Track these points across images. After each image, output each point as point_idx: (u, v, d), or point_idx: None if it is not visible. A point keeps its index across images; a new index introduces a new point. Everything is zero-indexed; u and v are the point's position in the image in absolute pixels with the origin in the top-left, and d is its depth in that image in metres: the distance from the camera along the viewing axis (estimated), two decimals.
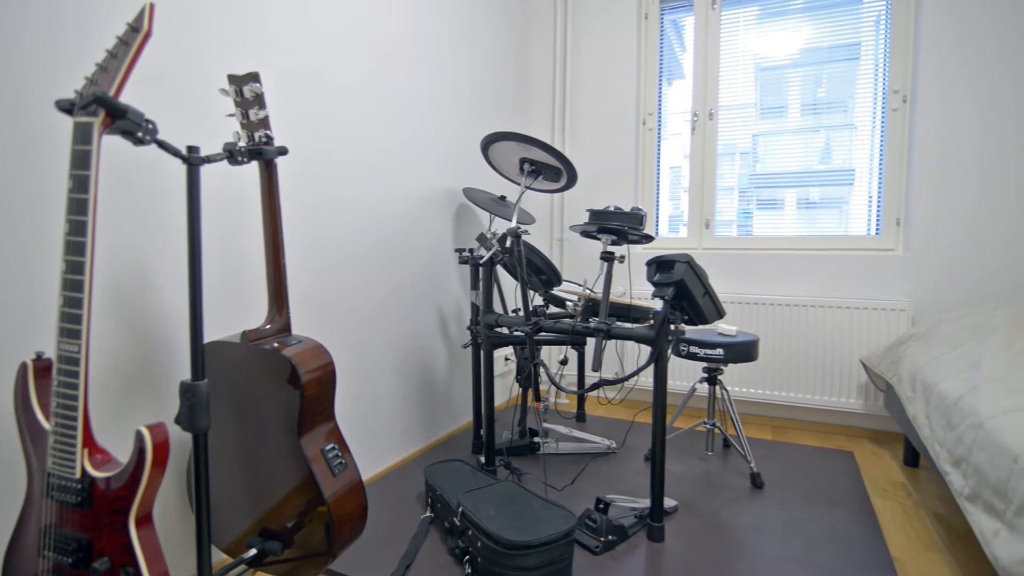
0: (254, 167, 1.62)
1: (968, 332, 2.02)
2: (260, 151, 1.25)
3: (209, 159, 1.14)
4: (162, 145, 1.03)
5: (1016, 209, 2.44)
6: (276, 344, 1.29)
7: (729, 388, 2.87)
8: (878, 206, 2.74)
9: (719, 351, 2.15)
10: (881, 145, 2.72)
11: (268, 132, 1.25)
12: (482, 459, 2.15)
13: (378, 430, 2.17)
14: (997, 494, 1.27)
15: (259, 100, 1.25)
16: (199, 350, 1.11)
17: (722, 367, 2.31)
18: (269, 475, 1.31)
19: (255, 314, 1.65)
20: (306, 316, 1.83)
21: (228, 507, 1.39)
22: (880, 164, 2.73)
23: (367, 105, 2.05)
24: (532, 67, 3.37)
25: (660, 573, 1.56)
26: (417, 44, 2.31)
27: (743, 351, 2.17)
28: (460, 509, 1.61)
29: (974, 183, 2.50)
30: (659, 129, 3.19)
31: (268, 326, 1.33)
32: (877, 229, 2.75)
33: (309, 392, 1.26)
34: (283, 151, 1.28)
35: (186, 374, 1.46)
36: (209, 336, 1.51)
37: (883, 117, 2.71)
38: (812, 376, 2.72)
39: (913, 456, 2.36)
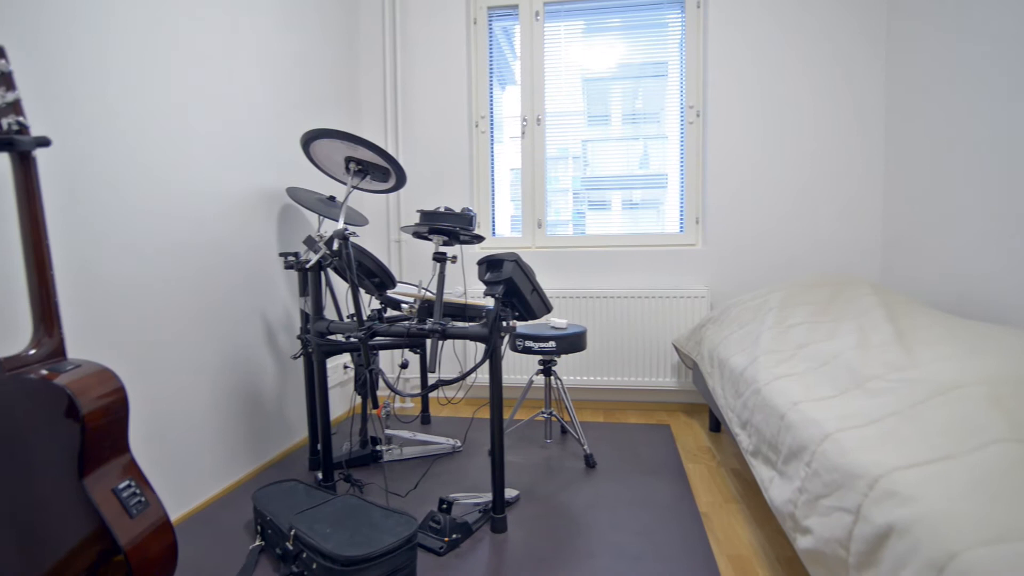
0: (5, 162, 1.34)
1: (751, 312, 2.37)
2: (11, 141, 1.04)
3: None
4: None
5: (787, 206, 2.93)
6: (45, 372, 1.08)
7: (563, 378, 3.05)
8: (682, 206, 3.11)
9: (551, 344, 2.28)
10: (682, 153, 3.09)
11: (21, 119, 1.05)
12: (319, 475, 2.03)
13: (195, 457, 1.94)
14: (771, 448, 1.51)
15: (6, 80, 1.04)
16: None
17: (555, 358, 2.45)
18: (45, 528, 1.10)
19: (16, 338, 1.37)
20: (90, 336, 1.57)
21: None
22: (682, 170, 3.10)
23: (163, 93, 1.82)
24: (362, 66, 3.26)
25: (503, 562, 1.61)
26: (229, 30, 2.11)
27: (573, 342, 2.32)
28: (292, 532, 1.50)
29: (756, 185, 2.94)
30: (492, 132, 3.28)
31: (33, 351, 1.11)
32: (682, 227, 3.12)
33: (92, 424, 1.08)
34: (44, 142, 1.08)
35: None
36: None
37: (683, 128, 3.07)
38: (634, 360, 3.00)
39: (716, 423, 2.71)
